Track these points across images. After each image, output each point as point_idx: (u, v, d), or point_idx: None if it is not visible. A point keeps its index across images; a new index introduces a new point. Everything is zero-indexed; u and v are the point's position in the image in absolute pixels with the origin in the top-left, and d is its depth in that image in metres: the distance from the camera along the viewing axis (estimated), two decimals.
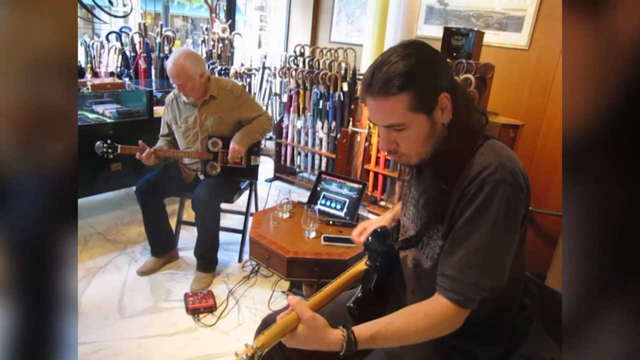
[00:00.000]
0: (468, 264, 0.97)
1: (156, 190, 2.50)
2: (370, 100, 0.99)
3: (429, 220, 1.06)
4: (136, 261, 2.69)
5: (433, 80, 0.98)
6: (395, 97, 0.95)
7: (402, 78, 0.94)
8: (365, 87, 0.99)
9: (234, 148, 2.47)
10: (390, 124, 0.99)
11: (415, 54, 0.97)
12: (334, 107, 3.61)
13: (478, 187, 0.95)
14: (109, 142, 2.39)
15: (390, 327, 0.98)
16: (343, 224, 2.27)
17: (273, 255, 2.06)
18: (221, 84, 2.55)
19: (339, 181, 2.43)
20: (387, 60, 0.97)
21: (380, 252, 1.19)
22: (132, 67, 3.84)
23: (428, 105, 0.98)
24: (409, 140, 1.01)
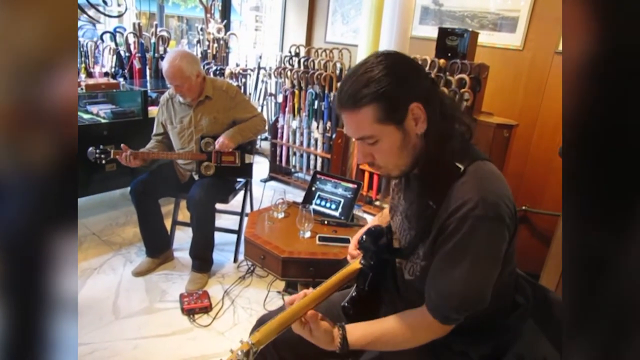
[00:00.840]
0: (450, 293, 0.99)
1: (151, 191, 2.50)
2: (341, 113, 1.00)
3: (420, 234, 1.07)
4: (131, 262, 2.68)
5: (400, 91, 0.96)
6: (362, 109, 0.95)
7: (367, 90, 0.94)
8: (336, 100, 1.01)
9: (223, 141, 2.46)
10: (362, 137, 1.00)
11: (384, 66, 0.96)
12: (329, 108, 3.62)
13: (458, 223, 0.95)
14: (102, 148, 2.38)
15: (382, 338, 1.04)
16: (338, 223, 2.28)
17: (268, 255, 2.06)
18: (216, 84, 2.55)
19: (334, 181, 2.44)
20: (355, 72, 0.98)
21: (374, 252, 1.20)
22: (127, 68, 3.83)
23: (397, 115, 0.97)
24: (383, 153, 1.01)
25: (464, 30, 2.79)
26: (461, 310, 1.00)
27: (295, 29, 4.83)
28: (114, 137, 3.01)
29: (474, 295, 1.00)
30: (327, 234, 2.17)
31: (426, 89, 1.00)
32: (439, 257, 1.01)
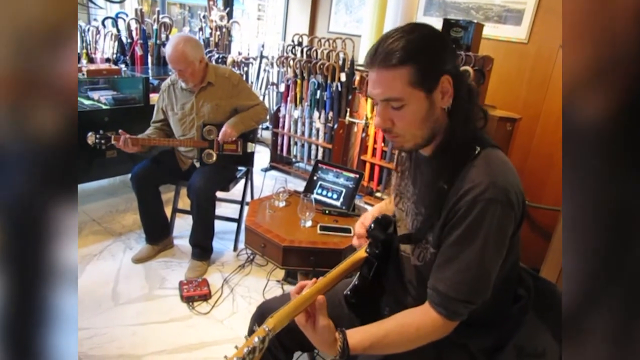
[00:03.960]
0: (458, 281, 0.98)
1: (151, 178, 2.49)
2: (372, 72, 0.99)
3: (431, 218, 1.05)
4: (131, 249, 2.68)
5: (436, 60, 0.97)
6: (396, 69, 0.94)
7: (404, 51, 0.94)
8: (369, 58, 0.98)
9: (226, 130, 2.45)
10: (388, 98, 0.98)
11: (420, 32, 0.96)
12: (332, 98, 3.60)
13: (468, 206, 0.95)
14: (102, 133, 2.36)
15: (384, 340, 1.02)
16: (339, 213, 2.27)
17: (269, 244, 2.05)
18: (219, 71, 2.53)
19: (335, 170, 2.43)
20: (392, 35, 0.97)
21: (382, 241, 1.19)
22: (128, 54, 3.80)
23: (428, 83, 0.97)
24: (405, 119, 0.99)
25: (469, 22, 2.77)
26: (468, 303, 0.99)
27: (298, 18, 4.79)
28: (115, 123, 2.98)
29: (482, 284, 0.99)
30: (328, 223, 2.17)
31: (456, 67, 1.00)
32: (448, 244, 1.00)
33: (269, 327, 0.92)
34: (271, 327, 0.93)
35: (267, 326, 0.93)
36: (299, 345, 1.31)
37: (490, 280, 1.00)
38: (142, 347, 1.94)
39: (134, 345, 1.95)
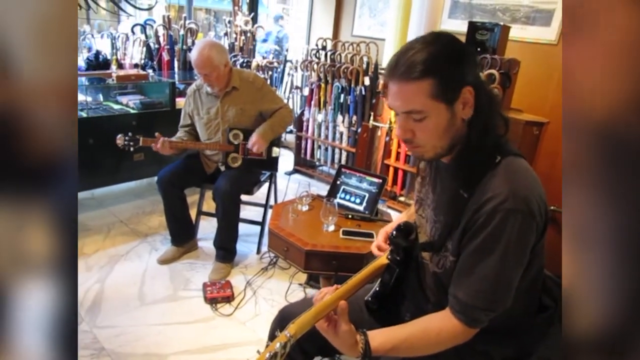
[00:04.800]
0: (477, 290, 0.98)
1: (177, 181, 2.53)
2: (392, 84, 0.98)
3: (450, 226, 1.05)
4: (156, 250, 2.73)
5: (457, 72, 0.96)
6: (417, 82, 0.94)
7: (425, 64, 0.93)
8: (389, 70, 0.98)
9: (257, 141, 2.48)
10: (409, 110, 0.98)
11: (441, 44, 0.96)
12: (355, 101, 3.60)
13: (488, 216, 0.94)
14: (130, 135, 2.42)
15: (405, 343, 1.02)
16: (362, 218, 2.27)
17: (291, 248, 2.07)
18: (243, 75, 2.57)
19: (358, 175, 2.43)
20: (412, 46, 0.97)
21: (403, 248, 1.19)
22: (156, 59, 3.88)
23: (449, 95, 0.96)
24: (427, 131, 0.99)
25: (495, 24, 2.73)
26: (488, 311, 0.99)
27: (322, 22, 4.81)
28: (142, 127, 3.07)
29: (501, 293, 0.98)
30: (351, 227, 2.17)
31: (477, 76, 1.00)
32: (467, 253, 0.99)
33: (290, 334, 0.94)
34: (292, 334, 0.94)
35: (288, 332, 0.94)
36: (319, 350, 1.32)
37: (511, 290, 0.99)
38: (167, 347, 1.98)
39: (158, 344, 1.99)
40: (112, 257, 2.61)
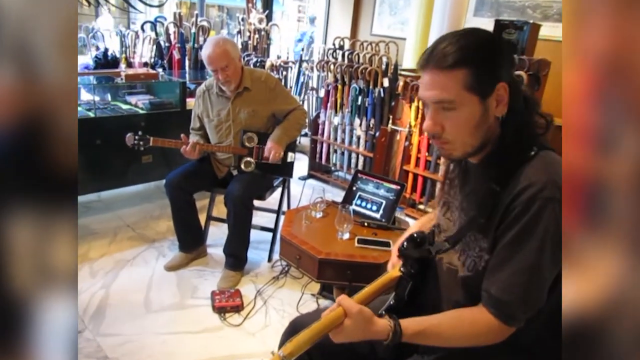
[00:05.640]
0: (512, 284, 0.97)
1: (186, 185, 2.56)
2: (425, 73, 1.00)
3: (473, 219, 1.05)
4: (164, 256, 2.77)
5: (492, 65, 0.98)
6: (451, 71, 0.96)
7: (461, 53, 0.95)
8: (423, 59, 1.00)
9: (273, 147, 2.50)
10: (441, 100, 0.98)
11: (478, 36, 0.99)
12: (374, 104, 3.61)
13: (525, 205, 0.94)
14: (141, 134, 2.46)
15: (437, 328, 1.02)
16: (379, 226, 2.27)
17: (304, 256, 2.08)
18: (255, 75, 2.59)
19: (375, 181, 2.43)
20: (447, 37, 0.99)
21: (416, 259, 1.19)
22: (166, 58, 3.94)
23: (484, 89, 0.97)
24: (457, 124, 1.00)
25: (524, 22, 2.72)
26: (523, 307, 0.98)
27: (339, 21, 4.84)
28: (152, 128, 3.08)
29: (536, 288, 0.97)
30: (366, 236, 2.18)
31: (512, 75, 1.01)
32: (502, 246, 0.99)
33: (284, 353, 0.94)
34: (287, 353, 0.94)
35: (282, 352, 0.94)
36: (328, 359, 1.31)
37: (545, 288, 0.98)
38: (172, 357, 2.00)
39: (164, 354, 2.01)
40: (118, 263, 2.65)
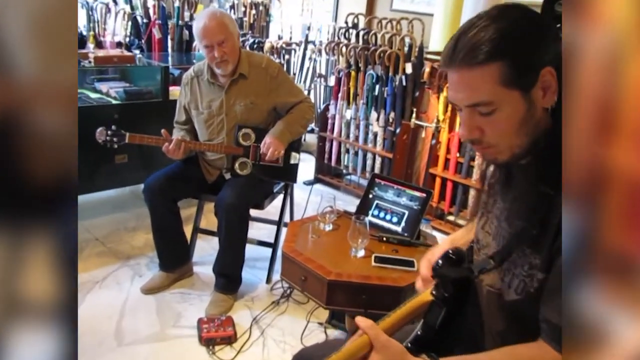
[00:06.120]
0: None
1: (169, 190, 2.58)
2: (452, 72, 1.00)
3: (523, 230, 1.04)
4: (141, 276, 2.79)
5: (533, 50, 0.97)
6: (484, 67, 0.95)
7: (492, 43, 0.94)
8: (447, 56, 1.00)
9: (272, 142, 2.51)
10: (475, 103, 0.99)
11: (511, 17, 0.97)
12: (394, 94, 3.63)
13: None
14: (115, 129, 2.49)
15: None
16: (400, 241, 2.29)
17: (310, 277, 2.10)
18: (254, 60, 2.62)
19: (396, 187, 2.45)
20: (475, 24, 0.97)
21: (453, 280, 1.19)
22: (145, 37, 3.97)
23: (525, 80, 0.97)
24: (498, 126, 1.00)
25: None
26: None
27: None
28: (127, 122, 3.06)
29: None
30: (385, 253, 2.19)
31: (559, 54, 0.98)
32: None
33: None
34: None
35: None
36: None
37: None
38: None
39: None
40: (84, 285, 2.67)
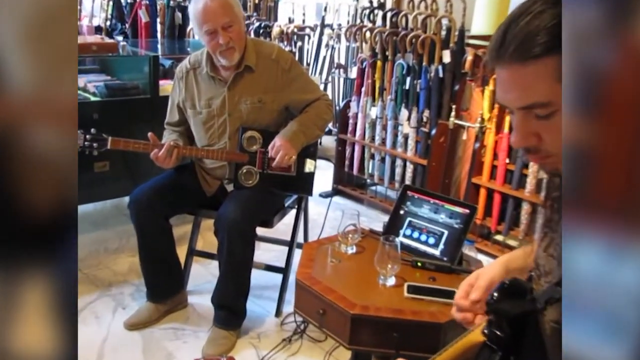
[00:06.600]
0: None
1: (160, 205, 2.60)
2: (501, 69, 1.01)
3: None
4: (124, 308, 2.81)
5: None
6: (539, 62, 0.96)
7: (549, 34, 0.94)
8: (494, 49, 1.01)
9: (282, 145, 2.52)
10: (530, 105, 0.99)
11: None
12: (428, 88, 3.63)
13: None
14: (94, 132, 2.51)
15: None
16: (438, 267, 2.29)
17: (330, 310, 2.11)
18: (262, 49, 2.64)
19: (433, 202, 2.46)
20: (527, 10, 0.98)
21: (513, 317, 1.18)
22: (129, 21, 4.01)
23: None
24: (559, 131, 0.98)
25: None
26: None
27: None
28: (109, 123, 3.10)
29: None
30: (420, 282, 2.19)
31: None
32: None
33: None
34: None
35: None
36: None
37: None
38: None
39: None
40: None
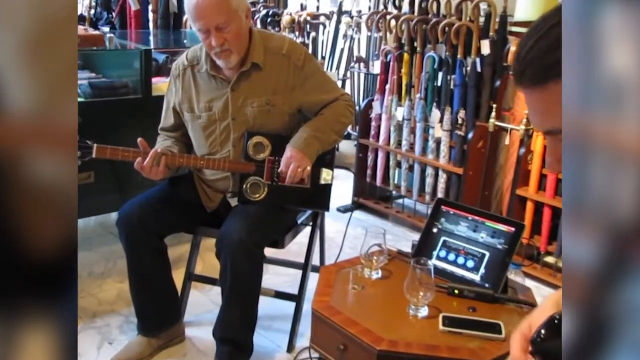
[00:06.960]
0: None
1: (153, 222, 2.61)
2: (523, 92, 1.03)
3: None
4: (111, 343, 2.83)
5: None
6: (556, 84, 0.95)
7: (545, 63, 0.95)
8: (515, 71, 1.02)
9: (294, 156, 2.52)
10: (549, 130, 1.01)
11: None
12: (464, 85, 3.63)
13: None
14: (77, 139, 2.53)
15: None
16: (479, 295, 2.28)
17: (353, 345, 2.11)
18: (271, 44, 2.64)
19: (472, 218, 2.45)
20: (542, 26, 0.98)
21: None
22: (117, 9, 4.04)
23: None
24: None
25: None
26: None
27: None
28: (94, 127, 3.08)
29: None
30: (458, 313, 2.19)
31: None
32: None
33: None
34: None
35: None
36: None
37: None
38: None
39: None
40: None
